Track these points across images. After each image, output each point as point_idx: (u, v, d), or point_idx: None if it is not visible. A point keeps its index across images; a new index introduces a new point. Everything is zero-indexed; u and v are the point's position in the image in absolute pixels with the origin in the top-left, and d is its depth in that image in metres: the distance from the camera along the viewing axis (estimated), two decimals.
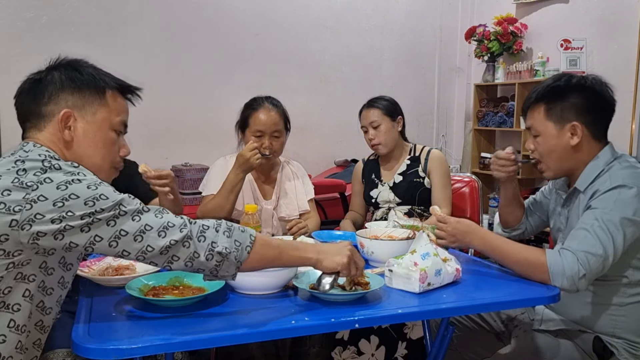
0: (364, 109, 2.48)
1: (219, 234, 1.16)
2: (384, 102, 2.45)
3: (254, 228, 1.68)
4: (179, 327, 1.16)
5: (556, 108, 1.60)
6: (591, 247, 1.44)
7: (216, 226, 1.17)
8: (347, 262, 1.28)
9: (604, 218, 1.46)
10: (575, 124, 1.58)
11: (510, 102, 4.09)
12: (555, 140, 1.61)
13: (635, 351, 1.56)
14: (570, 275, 1.43)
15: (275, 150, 2.18)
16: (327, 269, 1.28)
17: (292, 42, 4.01)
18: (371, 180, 2.48)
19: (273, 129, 2.16)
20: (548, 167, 1.65)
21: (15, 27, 3.16)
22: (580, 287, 1.45)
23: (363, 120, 2.47)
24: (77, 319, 1.19)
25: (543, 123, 1.62)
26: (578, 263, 1.43)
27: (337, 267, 1.27)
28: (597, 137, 1.61)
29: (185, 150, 3.61)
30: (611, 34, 3.51)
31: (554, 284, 1.45)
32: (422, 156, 2.44)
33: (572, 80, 1.61)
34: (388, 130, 2.40)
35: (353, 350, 1.97)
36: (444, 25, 4.55)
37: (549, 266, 1.45)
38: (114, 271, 1.47)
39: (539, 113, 1.63)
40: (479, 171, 4.24)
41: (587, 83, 1.60)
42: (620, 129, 3.33)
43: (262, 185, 2.26)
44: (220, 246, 1.14)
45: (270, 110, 2.17)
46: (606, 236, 1.44)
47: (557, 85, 1.61)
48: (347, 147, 4.23)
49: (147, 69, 3.55)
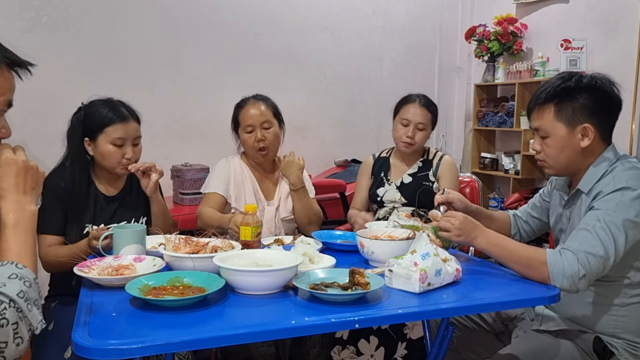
0: (418, 104, 2.40)
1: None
2: (435, 108, 2.44)
3: (254, 228, 1.70)
4: (179, 327, 1.16)
5: (567, 109, 1.56)
6: (592, 247, 1.43)
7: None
8: None
9: (606, 219, 1.45)
10: (587, 126, 1.56)
11: (511, 102, 4.09)
12: (565, 141, 1.58)
13: (635, 351, 1.56)
14: (570, 275, 1.42)
15: (269, 142, 2.19)
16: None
17: (292, 42, 4.01)
18: (380, 178, 2.47)
19: (261, 120, 2.18)
20: (552, 167, 1.64)
21: (15, 27, 3.17)
22: (580, 288, 1.45)
23: (409, 115, 2.38)
24: (77, 319, 1.19)
25: (552, 124, 1.58)
26: (578, 263, 1.42)
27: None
28: (604, 138, 1.61)
29: (185, 150, 3.60)
30: (611, 34, 3.51)
31: (554, 283, 1.45)
32: (435, 161, 2.45)
33: (583, 80, 1.57)
34: (425, 136, 2.42)
35: (352, 350, 1.97)
36: (444, 25, 4.55)
37: (549, 266, 1.45)
38: (114, 271, 1.47)
39: (549, 114, 1.59)
40: (479, 171, 4.24)
41: (598, 84, 1.57)
42: (620, 129, 3.28)
43: (264, 185, 2.26)
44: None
45: (256, 104, 2.21)
46: (608, 237, 1.44)
47: (567, 86, 1.57)
48: (347, 147, 4.23)
49: (147, 69, 3.55)
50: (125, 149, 1.92)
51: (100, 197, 1.96)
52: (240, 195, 2.19)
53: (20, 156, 1.14)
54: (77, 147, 1.93)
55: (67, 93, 2.06)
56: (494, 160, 4.27)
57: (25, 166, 1.13)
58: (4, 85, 1.13)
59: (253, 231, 1.70)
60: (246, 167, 2.25)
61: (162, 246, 1.59)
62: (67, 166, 1.93)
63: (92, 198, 1.93)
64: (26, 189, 1.12)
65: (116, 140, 1.90)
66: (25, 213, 1.10)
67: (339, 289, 1.35)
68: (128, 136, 1.92)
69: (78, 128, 1.92)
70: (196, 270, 1.46)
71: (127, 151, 1.92)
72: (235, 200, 2.17)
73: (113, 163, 1.92)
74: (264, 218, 2.17)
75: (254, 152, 2.20)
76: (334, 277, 1.42)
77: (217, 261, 1.40)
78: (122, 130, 1.91)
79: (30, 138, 2.91)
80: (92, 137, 1.92)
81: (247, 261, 1.48)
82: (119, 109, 1.93)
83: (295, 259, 1.44)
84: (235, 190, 2.19)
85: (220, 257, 1.45)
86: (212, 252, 1.55)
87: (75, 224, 1.88)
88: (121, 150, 1.92)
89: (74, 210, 1.89)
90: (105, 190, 1.99)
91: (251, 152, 2.21)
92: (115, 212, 1.97)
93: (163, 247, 1.58)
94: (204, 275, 1.41)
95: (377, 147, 4.23)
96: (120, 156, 1.92)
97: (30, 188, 1.13)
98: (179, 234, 1.64)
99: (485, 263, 1.76)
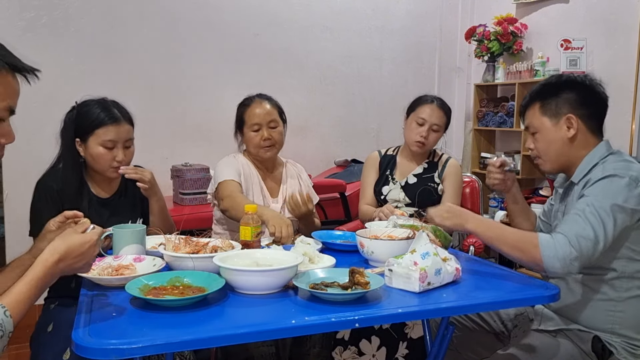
0: (435, 104, 2.40)
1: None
2: (450, 112, 2.45)
3: (254, 228, 1.70)
4: (179, 327, 1.16)
5: (550, 104, 1.67)
6: (582, 229, 1.47)
7: None
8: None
9: (595, 204, 1.49)
10: (570, 115, 1.64)
11: (511, 102, 4.09)
12: (552, 134, 1.67)
13: (634, 350, 1.56)
14: (562, 257, 1.45)
15: (275, 140, 2.20)
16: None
17: (292, 42, 4.01)
18: (385, 176, 2.47)
19: (268, 119, 2.19)
20: (545, 161, 1.71)
21: (15, 27, 3.17)
22: (572, 270, 1.48)
23: (425, 114, 2.37)
24: (77, 319, 1.19)
25: (539, 119, 1.69)
26: (570, 245, 1.45)
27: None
28: (592, 131, 1.66)
29: (185, 150, 3.61)
30: (611, 34, 3.51)
31: (546, 266, 1.46)
32: (440, 163, 2.46)
33: (563, 77, 1.71)
34: (438, 138, 2.43)
35: (354, 350, 1.97)
36: (444, 25, 4.54)
37: (541, 247, 1.46)
38: (114, 271, 1.47)
39: (535, 111, 1.70)
40: (479, 171, 4.23)
41: (578, 79, 1.68)
42: (620, 129, 3.33)
43: (268, 184, 2.27)
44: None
45: (262, 103, 2.21)
46: (597, 220, 1.47)
47: (548, 83, 1.71)
48: (347, 147, 4.23)
49: (147, 69, 3.55)
50: (116, 151, 1.86)
51: (94, 199, 1.92)
52: (249, 189, 2.18)
53: (93, 249, 1.21)
54: (69, 147, 1.88)
55: (67, 93, 2.05)
56: None
57: (88, 259, 1.21)
58: (4, 91, 1.11)
59: (253, 231, 1.70)
60: (251, 164, 2.26)
61: (162, 246, 1.59)
62: (60, 168, 1.89)
63: (86, 200, 1.89)
64: (66, 270, 1.18)
65: (107, 143, 1.84)
66: (47, 279, 1.14)
67: (339, 289, 1.35)
68: (119, 139, 1.86)
69: (70, 128, 1.88)
70: (196, 270, 1.46)
71: (118, 154, 1.86)
72: (246, 193, 2.15)
73: (103, 166, 1.87)
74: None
75: (258, 150, 2.20)
76: (334, 276, 1.42)
77: (217, 261, 1.40)
78: (113, 132, 1.85)
79: (30, 138, 2.94)
80: (82, 138, 1.87)
81: (247, 261, 1.48)
82: (111, 110, 1.87)
83: (295, 259, 1.44)
84: (245, 183, 2.18)
85: (220, 257, 1.45)
86: (212, 252, 1.55)
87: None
88: (112, 152, 1.86)
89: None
90: (99, 193, 1.95)
91: (255, 150, 2.21)
92: (110, 216, 1.91)
93: (163, 247, 1.59)
94: (204, 275, 1.41)
95: (377, 147, 4.21)
96: (110, 159, 1.86)
97: (70, 270, 1.19)
98: (179, 234, 1.64)
99: (485, 263, 1.76)
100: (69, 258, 1.16)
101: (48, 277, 1.14)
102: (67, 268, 1.17)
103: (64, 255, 1.16)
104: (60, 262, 1.15)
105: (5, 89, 1.11)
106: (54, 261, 1.14)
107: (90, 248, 1.20)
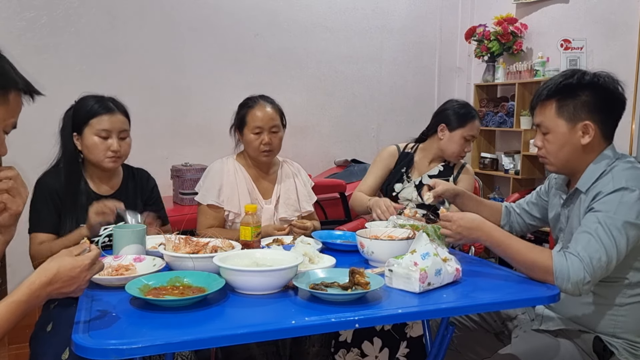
0: (477, 121, 2.44)
1: None
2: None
3: (254, 228, 1.70)
4: (179, 327, 1.16)
5: (568, 106, 1.57)
6: (595, 252, 1.44)
7: None
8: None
9: (607, 222, 1.45)
10: (588, 123, 1.56)
11: (511, 102, 4.09)
12: (566, 138, 1.58)
13: (635, 351, 1.56)
14: (575, 282, 1.43)
15: (274, 146, 2.19)
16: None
17: (292, 42, 4.01)
18: (400, 173, 2.46)
19: (271, 124, 2.17)
20: (552, 163, 1.64)
21: (15, 27, 3.16)
22: (583, 292, 1.46)
23: (475, 131, 2.44)
24: (77, 319, 1.19)
25: (554, 121, 1.59)
26: (584, 270, 1.43)
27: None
28: (606, 137, 1.61)
29: (185, 150, 3.61)
30: (611, 34, 3.51)
31: (557, 286, 1.45)
32: (456, 168, 2.48)
33: (585, 77, 1.57)
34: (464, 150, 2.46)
35: (356, 352, 1.97)
36: (444, 25, 4.55)
37: (555, 271, 1.45)
38: (114, 271, 1.47)
39: (550, 110, 1.60)
40: (479, 171, 4.23)
41: (600, 81, 1.57)
42: (620, 129, 3.28)
43: (261, 185, 2.25)
44: None
45: (266, 107, 2.19)
46: (610, 241, 1.44)
47: (569, 83, 1.58)
48: (347, 147, 4.24)
49: (148, 69, 3.55)
50: (111, 141, 1.89)
51: (92, 195, 1.92)
52: (233, 197, 2.17)
53: (85, 274, 1.18)
54: (68, 144, 1.92)
55: (67, 93, 2.05)
56: (494, 160, 4.27)
57: (80, 284, 1.17)
58: (15, 109, 1.20)
59: (253, 231, 1.70)
60: (241, 168, 2.23)
61: (162, 246, 1.59)
62: (60, 167, 1.92)
63: (85, 197, 1.90)
64: (54, 293, 1.15)
65: (101, 132, 1.87)
66: (30, 302, 1.11)
67: (339, 289, 1.35)
68: (113, 128, 1.89)
69: (68, 124, 1.92)
70: (196, 270, 1.46)
71: (113, 143, 1.88)
72: (228, 202, 2.15)
73: (98, 156, 1.89)
74: (262, 217, 2.16)
75: (257, 153, 2.18)
76: (334, 277, 1.42)
77: (217, 261, 1.40)
78: (107, 121, 1.88)
79: (29, 138, 2.93)
80: (79, 130, 1.90)
81: (247, 261, 1.48)
82: (105, 101, 1.92)
83: (295, 259, 1.44)
84: (228, 192, 2.17)
85: (220, 257, 1.45)
86: (212, 252, 1.55)
87: (70, 224, 1.87)
88: (106, 142, 1.88)
89: (68, 210, 1.87)
90: (98, 189, 1.96)
91: (254, 153, 2.20)
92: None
93: (163, 247, 1.58)
94: (204, 275, 1.41)
95: (377, 147, 4.26)
96: (105, 148, 1.88)
97: (59, 294, 1.16)
98: (179, 234, 1.64)
99: (485, 263, 1.76)
100: (59, 282, 1.14)
101: (32, 300, 1.11)
102: (55, 292, 1.14)
103: (54, 279, 1.13)
104: (48, 285, 1.13)
105: (16, 107, 1.20)
106: (41, 283, 1.12)
107: (81, 273, 1.17)
